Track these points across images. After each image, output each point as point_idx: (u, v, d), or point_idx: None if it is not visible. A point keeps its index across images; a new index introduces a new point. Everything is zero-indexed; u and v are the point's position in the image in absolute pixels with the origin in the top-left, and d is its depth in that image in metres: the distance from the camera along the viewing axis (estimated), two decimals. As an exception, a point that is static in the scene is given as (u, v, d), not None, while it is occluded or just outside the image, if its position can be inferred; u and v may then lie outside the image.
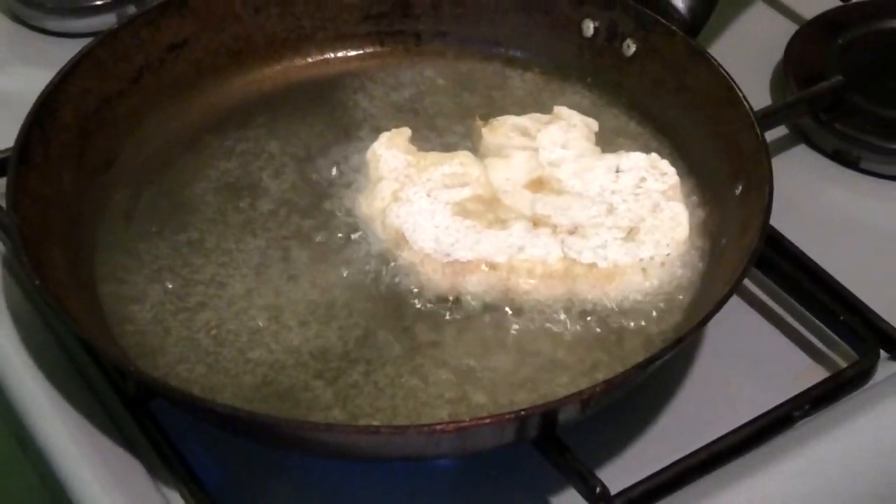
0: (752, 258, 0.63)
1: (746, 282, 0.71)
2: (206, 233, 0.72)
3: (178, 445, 0.64)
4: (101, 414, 0.65)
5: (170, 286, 0.69)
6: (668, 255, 0.68)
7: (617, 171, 0.72)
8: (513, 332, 0.66)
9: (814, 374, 0.68)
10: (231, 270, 0.70)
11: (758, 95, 0.73)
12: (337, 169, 0.75)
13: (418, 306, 0.67)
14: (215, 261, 0.70)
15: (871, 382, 0.67)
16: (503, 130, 0.75)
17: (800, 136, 0.81)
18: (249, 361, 0.65)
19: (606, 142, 0.75)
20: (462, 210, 0.70)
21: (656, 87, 0.76)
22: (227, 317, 0.67)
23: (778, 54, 0.83)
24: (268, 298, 0.68)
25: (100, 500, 0.62)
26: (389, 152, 0.73)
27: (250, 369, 0.65)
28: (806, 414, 0.65)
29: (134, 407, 0.65)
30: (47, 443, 0.64)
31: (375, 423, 0.62)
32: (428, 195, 0.70)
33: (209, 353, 0.66)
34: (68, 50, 0.75)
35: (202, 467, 0.63)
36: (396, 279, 0.68)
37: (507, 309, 0.67)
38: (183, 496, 0.63)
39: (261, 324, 0.67)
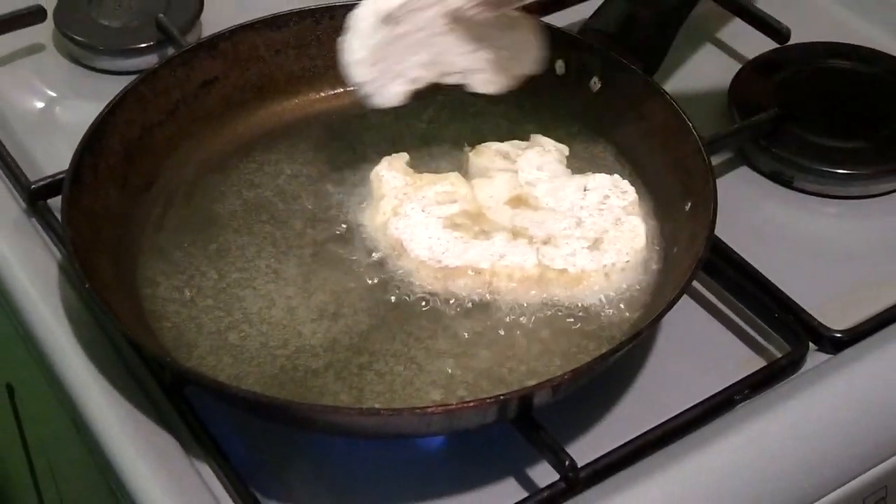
0: (700, 264, 0.63)
1: (695, 284, 0.71)
2: (233, 243, 0.71)
3: (208, 425, 0.64)
4: (142, 399, 0.65)
5: (201, 289, 0.69)
6: (627, 261, 0.68)
7: (584, 190, 0.72)
8: (494, 327, 0.66)
9: (752, 363, 0.68)
10: (254, 275, 0.69)
11: (706, 124, 0.73)
12: (346, 188, 0.75)
13: (414, 306, 0.67)
14: (240, 267, 0.70)
15: (801, 370, 0.67)
16: (487, 155, 0.75)
17: (742, 158, 0.81)
18: (269, 353, 0.65)
19: (576, 165, 0.75)
20: (452, 223, 0.70)
21: (618, 118, 0.75)
22: (250, 315, 0.67)
23: (723, 89, 0.83)
24: (285, 299, 0.68)
25: (142, 472, 0.62)
26: (390, 173, 0.73)
27: (270, 360, 0.65)
28: (746, 397, 0.65)
29: (170, 393, 0.65)
30: (97, 423, 0.64)
31: (377, 406, 0.62)
32: (423, 210, 0.70)
33: (234, 346, 0.65)
34: (116, 86, 0.75)
35: (228, 444, 0.63)
36: (396, 282, 0.68)
37: (490, 307, 0.67)
38: (212, 468, 0.63)
39: (279, 321, 0.67)
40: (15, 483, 1.10)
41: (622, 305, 0.67)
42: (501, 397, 0.59)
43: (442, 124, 0.78)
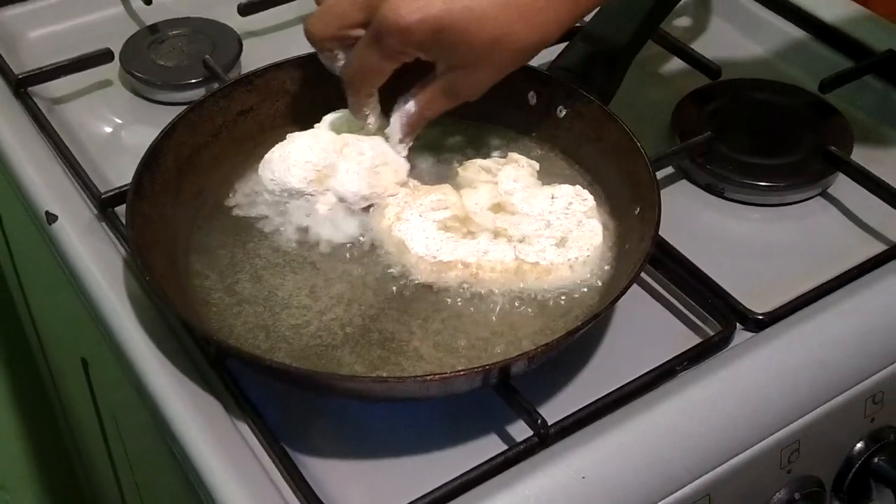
0: (647, 258, 0.64)
1: (643, 274, 0.71)
2: (266, 243, 0.71)
3: (246, 391, 0.64)
4: (192, 370, 0.65)
5: (239, 280, 0.69)
6: (588, 255, 0.68)
7: (552, 198, 0.72)
8: (480, 309, 0.66)
9: (690, 340, 0.68)
10: (283, 269, 0.69)
11: (652, 145, 0.74)
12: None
13: (414, 293, 0.67)
14: (273, 262, 0.70)
15: (730, 346, 0.67)
16: (473, 170, 0.75)
17: (681, 173, 0.81)
18: (296, 332, 0.65)
19: (545, 178, 0.75)
20: (444, 226, 0.70)
21: (580, 139, 0.76)
22: (281, 301, 0.67)
23: (667, 116, 0.84)
24: (309, 288, 0.68)
25: (192, 430, 0.62)
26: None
27: (297, 337, 0.65)
28: (685, 367, 0.66)
29: (215, 365, 0.65)
30: (156, 390, 0.64)
31: (384, 374, 0.62)
32: (420, 216, 0.70)
33: (268, 326, 0.66)
34: (169, 114, 0.74)
35: (263, 407, 0.64)
36: (399, 274, 0.68)
37: (476, 294, 0.67)
38: (249, 427, 0.63)
39: (304, 306, 0.67)
40: (88, 440, 1.10)
41: (584, 290, 0.67)
42: (486, 367, 0.59)
43: (435, 145, 0.78)
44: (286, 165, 0.71)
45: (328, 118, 0.75)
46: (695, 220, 0.78)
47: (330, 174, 0.71)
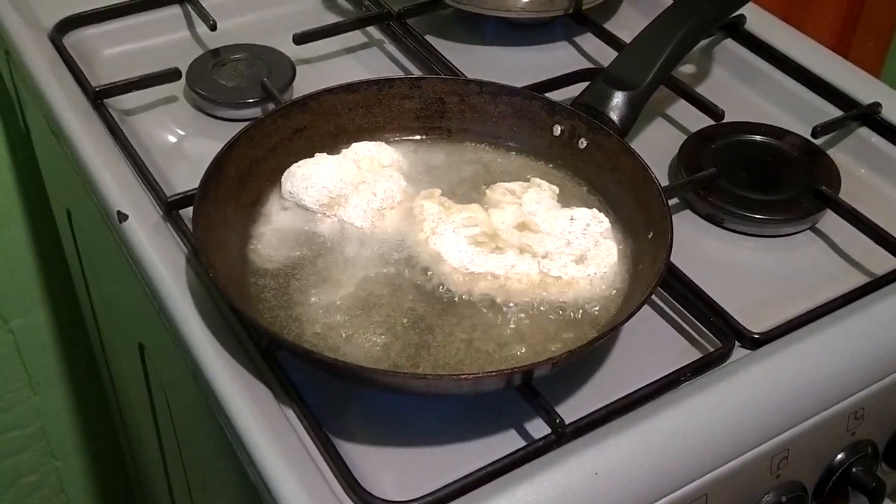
0: (660, 280, 0.63)
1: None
2: (317, 247, 0.70)
3: (293, 380, 0.63)
4: (246, 359, 0.64)
5: (290, 279, 0.68)
6: (604, 272, 0.67)
7: (571, 220, 0.71)
8: (507, 317, 0.65)
9: (692, 354, 0.67)
10: (332, 274, 0.68)
11: (660, 177, 0.72)
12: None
13: (449, 300, 0.66)
14: (322, 269, 0.69)
15: (728, 361, 0.66)
16: (500, 192, 0.74)
17: (686, 204, 0.80)
18: (341, 328, 0.64)
19: (565, 201, 0.74)
20: (475, 241, 0.69)
21: (599, 168, 0.75)
22: (329, 300, 0.66)
23: (674, 152, 0.83)
24: (357, 292, 0.67)
25: (244, 412, 0.61)
26: (428, 203, 0.72)
27: (342, 332, 0.64)
28: (688, 379, 0.65)
29: (266, 355, 0.64)
30: (211, 376, 0.64)
31: (422, 372, 0.61)
32: (453, 231, 0.70)
33: (316, 322, 0.65)
34: (229, 130, 0.74)
35: (308, 394, 0.63)
36: (434, 283, 0.68)
37: (502, 304, 0.66)
38: (295, 412, 0.62)
39: (351, 306, 0.66)
40: (137, 416, 1.09)
41: (601, 304, 0.66)
42: (514, 370, 0.58)
43: (467, 168, 0.77)
44: (305, 185, 0.71)
45: (357, 147, 0.75)
46: (697, 246, 0.77)
47: (341, 204, 0.71)
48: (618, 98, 0.77)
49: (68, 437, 1.40)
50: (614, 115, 0.77)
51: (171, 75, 0.87)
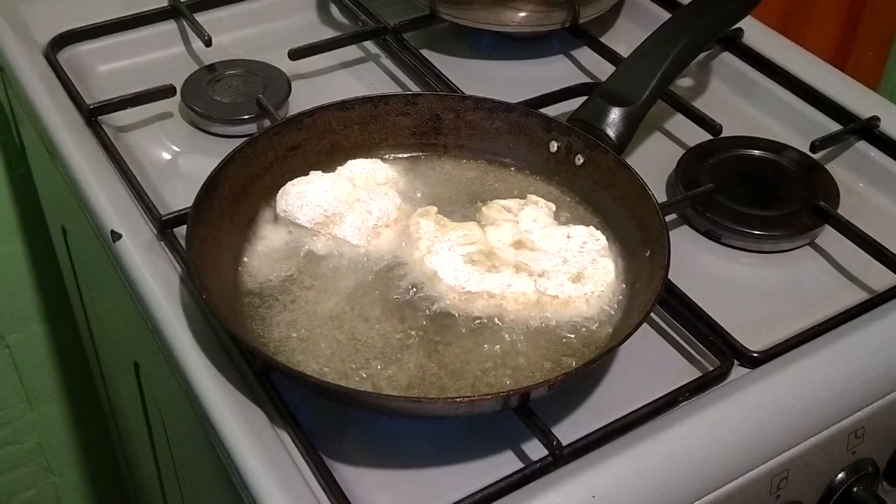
0: (658, 298, 0.62)
1: (650, 311, 0.69)
2: (311, 266, 0.69)
3: (287, 400, 0.62)
4: (238, 380, 0.63)
5: (285, 300, 0.67)
6: (602, 291, 0.66)
7: (568, 237, 0.70)
8: (503, 336, 0.65)
9: (691, 373, 0.66)
10: (327, 291, 0.68)
11: (658, 193, 0.72)
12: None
13: (444, 319, 0.66)
14: (317, 288, 0.68)
15: (727, 380, 0.66)
16: (496, 209, 0.73)
17: (684, 220, 0.79)
18: (334, 350, 0.63)
19: (562, 218, 0.73)
20: (471, 259, 0.68)
21: (595, 185, 0.74)
22: (320, 321, 0.65)
23: (671, 167, 0.82)
24: (348, 312, 0.66)
25: (236, 433, 0.60)
26: (424, 221, 0.71)
27: (334, 354, 0.63)
28: (686, 398, 0.64)
29: (259, 376, 0.64)
30: (204, 396, 0.63)
31: (415, 395, 0.61)
32: (449, 249, 0.69)
33: (307, 341, 0.64)
34: (224, 147, 0.73)
35: (302, 415, 0.62)
36: (429, 301, 0.67)
37: (499, 323, 0.65)
38: (288, 434, 0.61)
39: (342, 326, 0.65)
40: (133, 432, 1.09)
41: (598, 323, 0.65)
42: (510, 392, 0.58)
43: (463, 185, 0.77)
44: (300, 203, 0.70)
45: (352, 164, 0.74)
46: (695, 262, 0.76)
47: (336, 222, 0.70)
48: (615, 114, 0.77)
49: (65, 453, 1.39)
50: (611, 132, 0.76)
51: (165, 91, 0.86)
